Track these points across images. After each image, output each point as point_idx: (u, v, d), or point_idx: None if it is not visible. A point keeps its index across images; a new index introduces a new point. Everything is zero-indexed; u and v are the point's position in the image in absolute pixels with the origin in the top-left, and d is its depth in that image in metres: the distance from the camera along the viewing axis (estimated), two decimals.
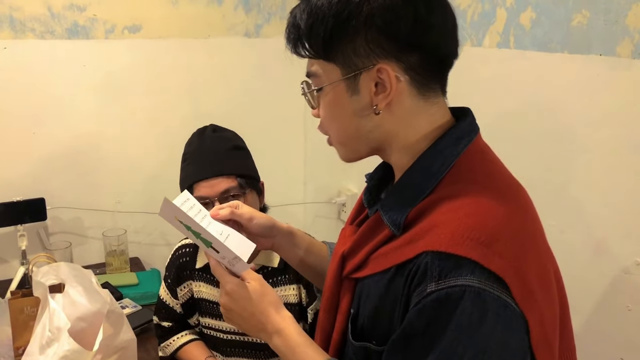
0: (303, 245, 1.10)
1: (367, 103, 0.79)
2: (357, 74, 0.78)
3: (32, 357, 1.13)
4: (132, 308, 1.80)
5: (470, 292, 0.68)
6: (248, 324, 0.92)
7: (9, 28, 1.98)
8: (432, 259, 0.71)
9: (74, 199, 2.18)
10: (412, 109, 0.80)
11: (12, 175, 2.07)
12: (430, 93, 0.80)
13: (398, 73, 0.77)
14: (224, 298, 0.92)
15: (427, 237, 0.73)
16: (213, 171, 1.40)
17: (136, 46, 2.18)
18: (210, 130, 1.49)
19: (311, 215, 2.69)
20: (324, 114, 0.85)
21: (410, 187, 0.81)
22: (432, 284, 0.70)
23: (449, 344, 0.69)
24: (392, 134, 0.82)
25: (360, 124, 0.81)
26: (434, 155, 0.80)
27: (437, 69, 0.80)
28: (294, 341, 0.88)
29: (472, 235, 0.71)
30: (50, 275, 1.24)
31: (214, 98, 2.34)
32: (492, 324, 0.69)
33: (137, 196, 2.29)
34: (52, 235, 2.19)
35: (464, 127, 0.82)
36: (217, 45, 2.31)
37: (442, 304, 0.69)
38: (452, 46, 0.81)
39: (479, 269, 0.69)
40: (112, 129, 2.21)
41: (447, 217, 0.74)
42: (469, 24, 1.75)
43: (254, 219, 1.01)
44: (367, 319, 0.82)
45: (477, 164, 0.81)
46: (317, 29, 0.78)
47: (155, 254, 2.36)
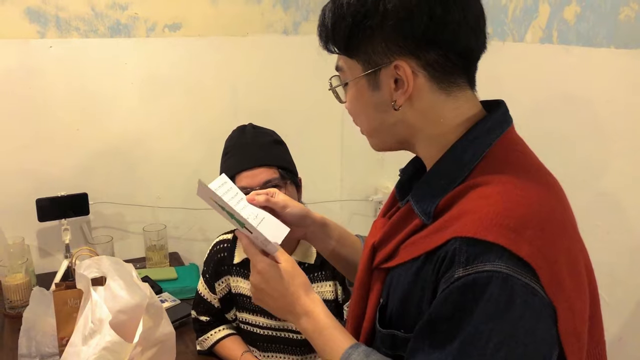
0: (336, 236, 1.11)
1: (387, 99, 0.81)
2: (377, 71, 0.80)
3: (75, 347, 1.16)
4: (171, 302, 1.83)
5: (498, 277, 0.68)
6: (277, 304, 0.93)
7: (55, 27, 2.03)
8: (460, 245, 0.71)
9: (116, 194, 2.23)
10: (433, 103, 0.81)
11: (56, 171, 2.13)
12: (453, 87, 0.81)
13: (415, 69, 0.78)
14: (255, 277, 0.93)
15: (456, 224, 0.73)
16: (254, 162, 1.43)
17: (176, 44, 2.21)
18: (251, 127, 1.51)
19: (347, 213, 2.68)
20: (351, 107, 0.88)
21: (440, 177, 0.81)
22: (459, 270, 0.70)
23: (474, 330, 0.68)
24: (416, 127, 0.83)
25: (384, 118, 0.83)
26: (465, 145, 0.80)
27: (459, 63, 0.80)
28: (322, 323, 0.89)
29: (501, 222, 0.70)
30: (92, 269, 1.26)
31: (253, 95, 2.35)
32: (520, 310, 0.68)
33: (177, 192, 2.32)
34: (95, 229, 2.24)
35: (496, 118, 0.82)
36: (255, 43, 2.32)
37: (469, 289, 0.69)
38: (475, 41, 0.80)
39: (507, 254, 0.68)
40: (153, 126, 2.25)
41: (476, 204, 0.74)
42: (511, 20, 1.72)
43: (287, 207, 1.03)
44: (396, 307, 0.82)
45: (509, 154, 0.80)
46: (339, 27, 0.81)
47: (194, 249, 2.39)
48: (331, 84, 0.90)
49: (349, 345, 0.85)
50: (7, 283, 1.82)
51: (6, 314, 1.83)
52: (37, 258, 2.17)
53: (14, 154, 2.07)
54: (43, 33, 2.02)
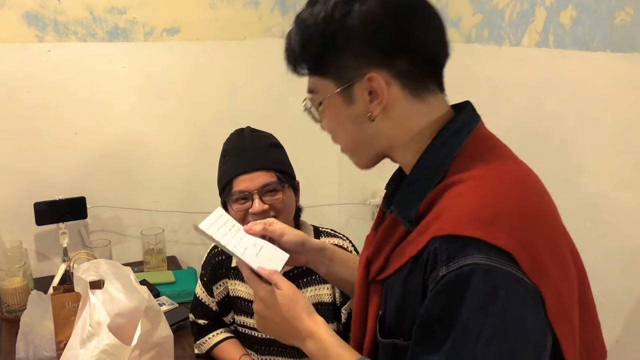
0: (335, 258, 1.13)
1: (363, 111, 0.83)
2: (350, 85, 0.82)
3: (73, 350, 1.16)
4: (169, 305, 1.83)
5: (479, 270, 0.69)
6: (281, 329, 0.95)
7: (53, 31, 2.03)
8: (440, 244, 0.72)
9: (114, 198, 2.23)
10: (408, 111, 0.83)
11: (54, 175, 2.13)
12: (425, 93, 0.83)
13: (388, 80, 0.80)
14: (258, 305, 0.96)
15: (435, 224, 0.75)
16: (253, 165, 1.43)
17: (175, 48, 2.22)
18: (248, 130, 1.52)
19: (345, 217, 2.68)
20: (328, 126, 0.90)
21: (417, 182, 0.83)
22: (442, 268, 0.71)
23: (463, 326, 0.69)
24: (393, 136, 0.85)
25: (361, 131, 0.85)
26: (436, 148, 0.82)
27: (428, 70, 0.83)
28: (326, 343, 0.90)
29: (475, 216, 0.72)
30: (90, 272, 1.26)
31: (251, 99, 2.36)
32: (506, 299, 0.69)
33: (175, 196, 2.33)
34: (92, 233, 2.24)
35: (462, 118, 0.84)
36: (253, 47, 2.33)
37: (453, 285, 0.70)
38: (440, 48, 0.84)
39: (485, 246, 0.70)
40: (151, 130, 2.25)
41: (451, 202, 0.76)
42: (507, 24, 1.72)
43: (284, 235, 1.06)
44: (392, 316, 0.83)
45: (480, 151, 0.82)
46: (308, 48, 0.84)
47: (192, 252, 2.39)
48: (305, 105, 0.91)
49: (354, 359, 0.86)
50: (5, 287, 1.82)
51: (4, 317, 1.83)
52: (34, 262, 2.16)
53: (12, 158, 2.07)
54: (42, 37, 2.02)
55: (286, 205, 1.45)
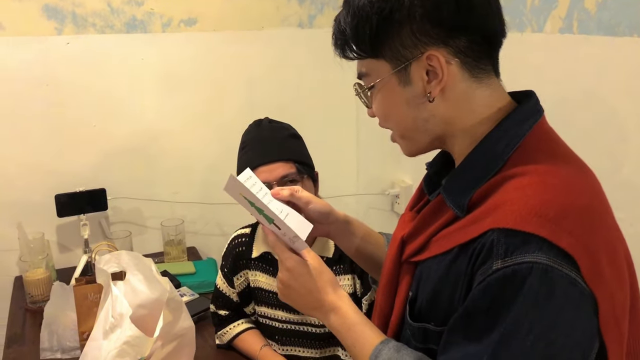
0: (360, 233, 1.10)
1: (421, 92, 0.80)
2: (407, 65, 0.79)
3: (96, 341, 1.16)
4: (190, 296, 1.84)
5: (538, 269, 0.67)
6: (305, 300, 0.93)
7: (72, 23, 2.04)
8: (498, 237, 0.70)
9: (134, 189, 2.24)
10: (465, 92, 0.80)
11: (75, 167, 2.14)
12: (482, 75, 0.80)
13: (448, 58, 0.78)
14: (284, 274, 0.93)
15: (493, 215, 0.72)
16: (272, 156, 1.43)
17: (192, 39, 2.21)
18: (267, 121, 1.51)
19: (364, 207, 2.67)
20: (381, 111, 0.87)
21: (473, 169, 0.80)
22: (498, 262, 0.69)
23: (514, 322, 0.68)
24: (449, 120, 0.82)
25: (417, 114, 0.82)
26: (497, 136, 0.79)
27: (486, 48, 0.80)
28: (351, 319, 0.89)
29: (540, 212, 0.70)
30: (112, 263, 1.27)
31: (268, 89, 2.35)
32: (560, 301, 0.67)
33: (194, 187, 2.33)
34: (113, 224, 2.26)
35: (528, 108, 0.81)
36: (271, 37, 2.32)
37: (508, 281, 0.68)
38: (498, 24, 0.81)
39: (547, 245, 0.68)
40: (169, 121, 2.25)
41: (513, 195, 0.73)
42: (529, 9, 1.69)
43: (311, 203, 1.03)
44: (426, 300, 0.82)
45: (543, 144, 0.79)
46: (363, 29, 0.80)
47: (212, 243, 2.40)
48: (357, 89, 0.88)
49: (379, 341, 0.85)
50: (28, 278, 1.84)
51: (28, 308, 1.85)
52: (56, 253, 2.19)
53: (33, 150, 2.08)
54: (60, 29, 2.03)
55: None
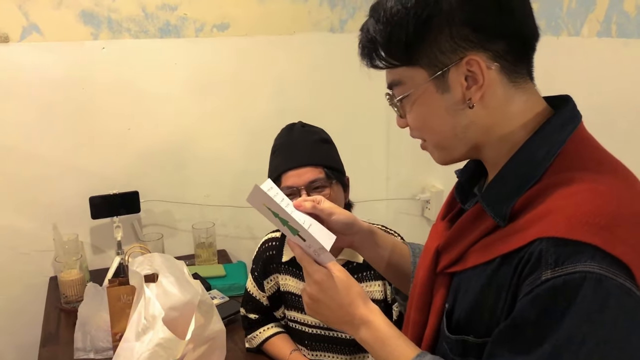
0: (384, 244, 1.09)
1: (460, 99, 0.78)
2: (446, 71, 0.77)
3: (129, 343, 1.18)
4: (220, 299, 1.85)
5: (591, 278, 0.65)
6: (334, 315, 0.91)
7: (107, 29, 2.08)
8: (547, 246, 0.68)
9: (166, 192, 2.27)
10: (504, 97, 0.78)
11: (109, 170, 2.18)
12: (520, 79, 0.79)
13: (487, 62, 0.76)
14: (312, 287, 0.91)
15: (540, 224, 0.70)
16: (301, 161, 1.43)
17: (225, 44, 2.23)
18: (299, 125, 1.51)
19: (393, 212, 2.65)
20: (416, 120, 0.84)
21: (514, 177, 0.78)
22: (547, 272, 0.67)
23: (566, 334, 0.65)
24: (488, 127, 0.80)
25: (456, 121, 0.80)
26: (538, 143, 0.77)
27: (523, 53, 0.79)
28: (384, 333, 0.86)
29: (591, 220, 0.67)
30: (145, 265, 1.28)
31: (300, 94, 2.36)
32: (615, 313, 0.65)
33: (225, 190, 2.35)
34: (145, 227, 2.29)
35: (567, 113, 0.79)
36: (302, 41, 2.32)
37: (558, 292, 0.66)
38: (534, 28, 0.79)
39: (600, 254, 0.65)
40: (202, 125, 2.27)
41: (561, 203, 0.71)
42: (566, 13, 1.66)
43: (334, 214, 1.01)
44: (465, 312, 0.80)
45: (585, 150, 0.77)
46: (398, 36, 0.78)
47: (242, 246, 2.41)
48: (390, 98, 0.85)
49: (415, 354, 0.83)
50: (63, 279, 1.87)
51: (62, 308, 1.89)
52: (90, 254, 2.22)
53: (68, 154, 2.12)
54: (96, 35, 2.07)
55: (333, 201, 1.43)
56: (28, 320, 2.05)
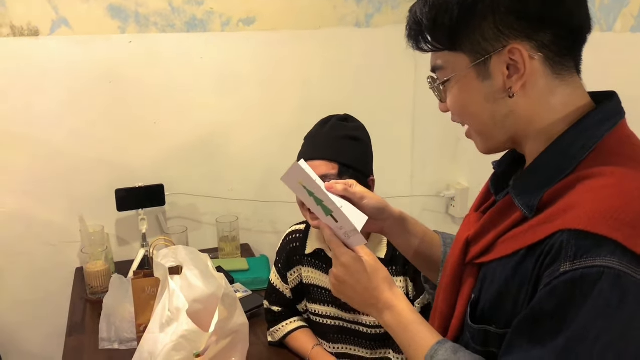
0: (415, 231, 1.08)
1: (500, 87, 0.77)
2: (488, 59, 0.77)
3: (153, 334, 1.19)
4: (243, 293, 1.85)
5: (610, 274, 0.64)
6: (360, 297, 0.93)
7: (135, 23, 2.09)
8: (568, 238, 0.67)
9: (191, 186, 2.28)
10: (546, 89, 0.77)
11: (135, 163, 2.20)
12: (564, 72, 0.77)
13: (531, 52, 0.75)
14: (339, 269, 0.93)
15: (564, 216, 0.69)
16: (316, 154, 1.42)
17: (250, 38, 2.23)
18: (338, 118, 1.49)
19: (418, 209, 2.63)
20: (456, 105, 0.84)
21: (546, 169, 0.77)
22: (566, 264, 0.66)
23: (581, 328, 0.65)
24: (528, 117, 0.79)
25: (495, 109, 0.79)
26: (574, 136, 0.76)
27: (571, 44, 0.77)
28: (407, 318, 0.88)
29: (615, 215, 0.66)
30: (169, 258, 1.29)
31: (324, 88, 2.35)
32: (633, 310, 0.64)
33: (249, 184, 2.35)
34: (170, 220, 2.30)
35: (609, 109, 0.78)
36: (328, 36, 2.31)
37: (576, 285, 0.65)
38: (586, 18, 0.77)
39: (621, 250, 0.64)
40: (227, 120, 2.28)
41: (587, 196, 0.70)
42: (598, 8, 1.62)
43: (365, 199, 1.01)
44: (489, 302, 0.79)
45: (623, 147, 0.75)
46: (442, 20, 0.78)
47: (265, 241, 2.41)
48: (432, 82, 0.85)
49: (436, 341, 0.83)
50: (89, 270, 1.90)
51: (88, 299, 1.91)
52: (115, 246, 2.25)
53: (95, 146, 2.15)
54: (124, 29, 2.09)
55: None
56: (55, 310, 2.08)
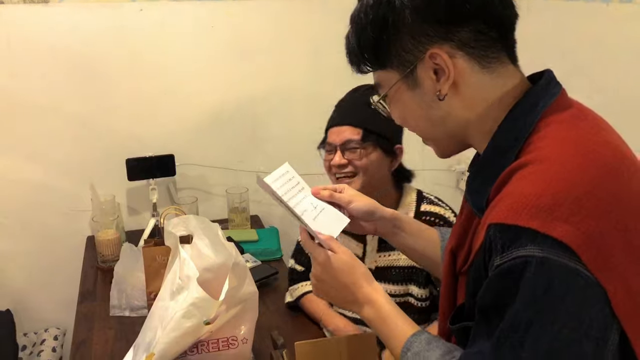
0: (409, 230, 1.10)
1: (431, 92, 0.79)
2: (413, 69, 0.78)
3: (163, 302, 1.19)
4: (252, 263, 1.86)
5: (532, 262, 0.64)
6: (339, 294, 0.96)
7: None
8: (494, 232, 0.68)
9: (201, 156, 2.28)
10: (478, 84, 0.77)
11: (145, 133, 2.20)
12: (494, 64, 0.77)
13: (451, 53, 0.75)
14: (317, 269, 0.96)
15: (494, 211, 0.70)
16: (342, 120, 1.47)
17: (260, 6, 2.20)
18: (365, 87, 1.49)
19: (429, 183, 2.61)
20: (398, 118, 0.87)
21: (489, 166, 0.77)
22: (497, 258, 0.67)
23: (512, 318, 0.66)
24: (464, 116, 0.80)
25: (430, 114, 0.81)
26: (507, 128, 0.77)
27: (494, 36, 0.76)
28: (385, 311, 0.91)
29: (532, 203, 0.66)
30: (180, 227, 1.29)
31: (339, 57, 2.31)
32: (561, 293, 0.64)
33: (259, 156, 2.35)
34: (180, 190, 2.31)
35: (538, 91, 0.77)
36: (335, 5, 2.27)
37: (505, 277, 0.66)
38: (502, 8, 0.76)
39: (540, 237, 0.64)
40: (238, 89, 2.27)
41: (514, 186, 0.71)
42: None
43: (352, 202, 1.04)
44: (470, 306, 0.79)
45: (553, 129, 0.74)
46: (365, 42, 0.81)
47: (274, 212, 2.41)
48: (372, 101, 0.88)
49: (412, 333, 0.86)
50: (100, 238, 1.91)
51: (99, 267, 1.93)
52: (126, 215, 2.26)
53: (105, 115, 2.14)
54: None
55: (366, 165, 1.46)
56: (67, 278, 2.10)
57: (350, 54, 0.86)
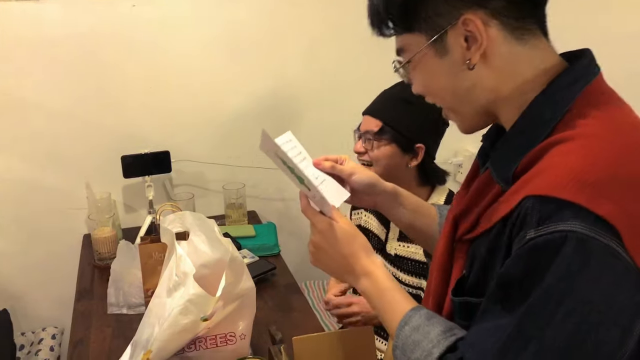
0: (409, 205, 1.08)
1: (460, 60, 0.76)
2: (443, 34, 0.75)
3: (160, 298, 1.19)
4: (250, 258, 1.85)
5: (573, 238, 0.62)
6: (337, 264, 0.93)
7: None
8: (532, 204, 0.66)
9: (197, 152, 2.26)
10: (509, 56, 0.75)
11: (140, 129, 2.18)
12: (527, 35, 0.75)
13: (485, 20, 0.73)
14: (316, 236, 0.94)
15: (531, 183, 0.68)
16: (369, 110, 1.56)
17: (257, 1, 2.19)
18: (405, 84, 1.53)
19: None
20: (420, 86, 0.84)
21: (519, 138, 0.75)
22: (531, 231, 0.65)
23: (544, 293, 0.63)
24: (494, 87, 0.77)
25: (457, 84, 0.78)
26: (544, 101, 0.74)
27: (529, 6, 0.75)
28: (383, 285, 0.88)
29: (578, 177, 0.64)
30: (176, 223, 1.28)
31: (329, 52, 2.30)
32: (597, 274, 0.62)
33: (256, 151, 2.32)
34: (176, 187, 2.30)
35: (579, 69, 0.75)
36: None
37: (539, 251, 0.64)
38: None
39: (584, 213, 0.62)
40: (233, 85, 2.25)
41: (554, 161, 0.68)
42: None
43: (354, 175, 1.02)
44: (476, 278, 0.78)
45: (595, 108, 0.72)
46: (394, 3, 0.77)
47: (271, 208, 2.41)
48: (395, 65, 0.85)
49: (410, 307, 0.83)
50: (96, 236, 1.90)
51: (95, 265, 1.92)
52: (122, 213, 2.25)
53: (100, 112, 2.13)
54: None
55: (377, 157, 1.51)
56: (63, 276, 2.09)
57: (373, 13, 0.82)
